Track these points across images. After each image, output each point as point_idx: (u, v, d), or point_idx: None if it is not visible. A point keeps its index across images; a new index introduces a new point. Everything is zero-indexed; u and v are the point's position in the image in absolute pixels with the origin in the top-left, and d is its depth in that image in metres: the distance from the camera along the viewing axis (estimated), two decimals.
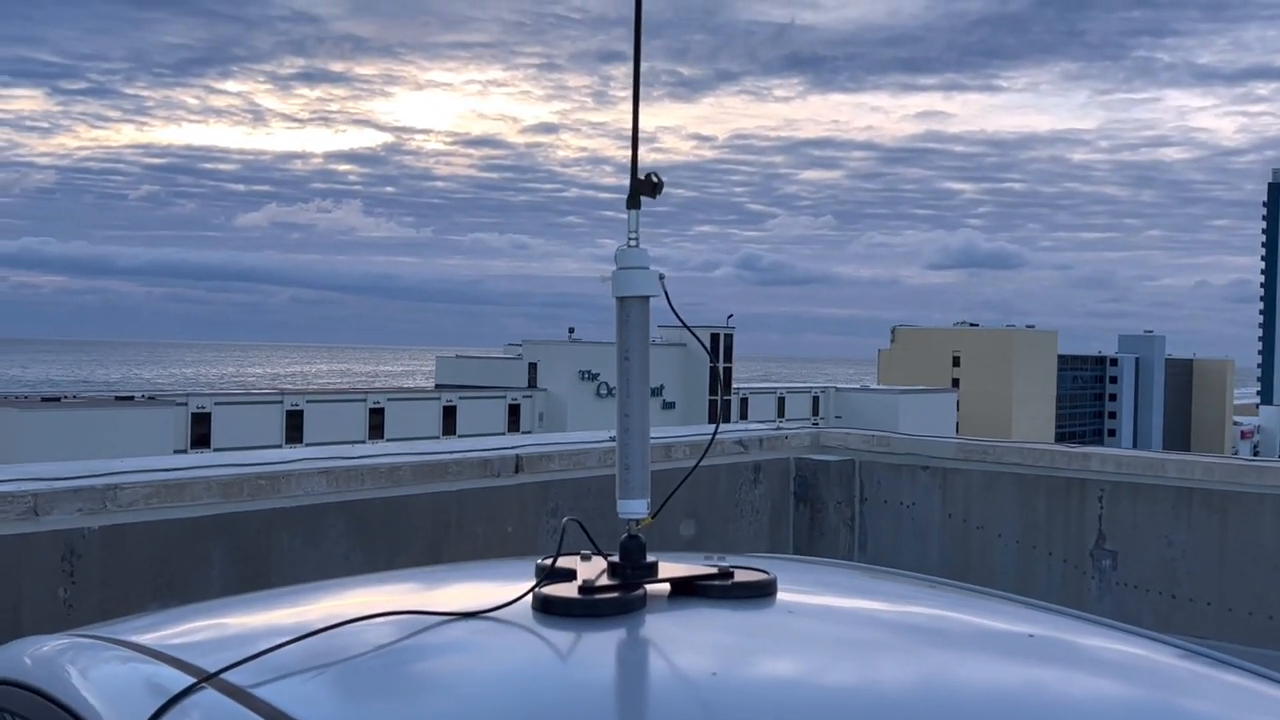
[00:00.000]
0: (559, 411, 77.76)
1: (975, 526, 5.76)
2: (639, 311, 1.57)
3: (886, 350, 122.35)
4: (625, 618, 1.38)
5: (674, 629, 1.41)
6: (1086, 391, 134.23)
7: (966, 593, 1.80)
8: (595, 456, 4.86)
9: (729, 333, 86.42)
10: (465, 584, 1.61)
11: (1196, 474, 5.18)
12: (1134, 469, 5.35)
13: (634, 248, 1.59)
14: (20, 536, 3.24)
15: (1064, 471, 5.49)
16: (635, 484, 1.56)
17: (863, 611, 1.67)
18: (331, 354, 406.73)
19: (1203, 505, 5.14)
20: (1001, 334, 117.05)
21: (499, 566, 1.63)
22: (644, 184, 1.60)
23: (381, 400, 73.29)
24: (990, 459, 5.73)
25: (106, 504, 3.40)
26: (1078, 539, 5.45)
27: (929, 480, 5.88)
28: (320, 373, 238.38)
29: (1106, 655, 1.52)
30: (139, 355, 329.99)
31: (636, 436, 1.56)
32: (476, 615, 1.36)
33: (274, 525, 3.82)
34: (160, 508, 3.52)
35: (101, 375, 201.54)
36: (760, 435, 5.91)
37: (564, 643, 1.34)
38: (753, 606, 1.46)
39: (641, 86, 1.80)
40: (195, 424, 61.49)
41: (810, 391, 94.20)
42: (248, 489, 3.76)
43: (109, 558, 3.41)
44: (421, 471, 4.31)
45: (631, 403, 1.56)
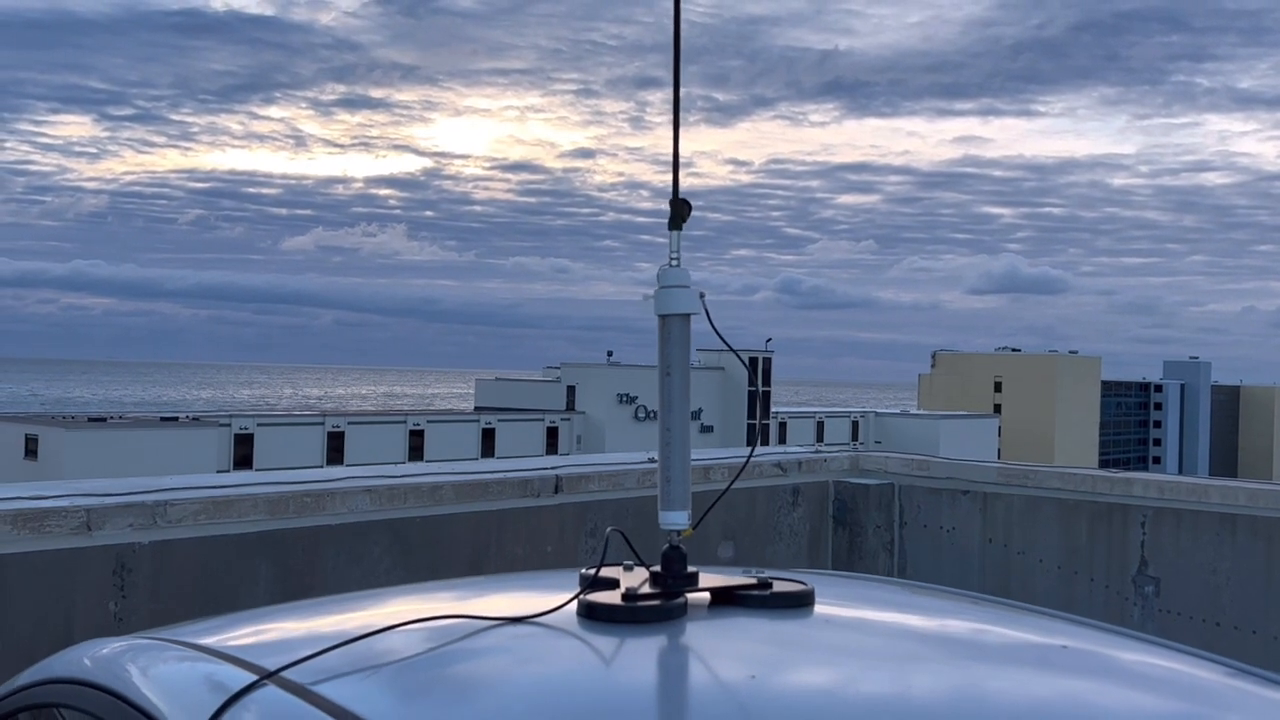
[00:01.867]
0: (597, 434, 77.84)
1: (1016, 552, 5.73)
2: (680, 329, 1.61)
3: (927, 375, 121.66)
4: (666, 624, 1.43)
5: (713, 636, 1.45)
6: (1131, 418, 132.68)
7: (1005, 607, 1.82)
8: (634, 478, 4.89)
9: (768, 356, 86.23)
10: (510, 593, 1.66)
11: (1241, 500, 5.13)
12: (1177, 495, 5.31)
13: (675, 267, 1.63)
14: (73, 550, 3.32)
15: (1106, 497, 5.46)
16: (676, 496, 1.60)
17: (900, 623, 1.70)
18: (373, 376, 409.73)
19: (1247, 532, 5.09)
20: (1044, 359, 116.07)
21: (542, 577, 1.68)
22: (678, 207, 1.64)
23: (421, 422, 73.72)
24: (1031, 484, 5.70)
25: (157, 520, 3.47)
26: (1120, 565, 5.41)
27: (969, 505, 5.85)
28: (362, 395, 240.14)
29: (1145, 669, 1.52)
30: (184, 376, 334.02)
31: (678, 450, 1.60)
32: (524, 620, 1.41)
33: (319, 542, 3.88)
34: (208, 524, 3.59)
35: (148, 395, 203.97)
36: (799, 458, 5.92)
37: (607, 647, 1.38)
38: (791, 616, 1.50)
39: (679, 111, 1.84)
40: (238, 445, 62.10)
41: (850, 416, 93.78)
42: (293, 506, 3.82)
43: (158, 572, 3.48)
44: (463, 491, 4.36)
45: (673, 417, 1.61)
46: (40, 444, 55.51)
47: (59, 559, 3.30)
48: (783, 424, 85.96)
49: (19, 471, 52.43)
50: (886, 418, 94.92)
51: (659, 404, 1.62)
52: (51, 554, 3.28)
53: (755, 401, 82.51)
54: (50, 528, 3.27)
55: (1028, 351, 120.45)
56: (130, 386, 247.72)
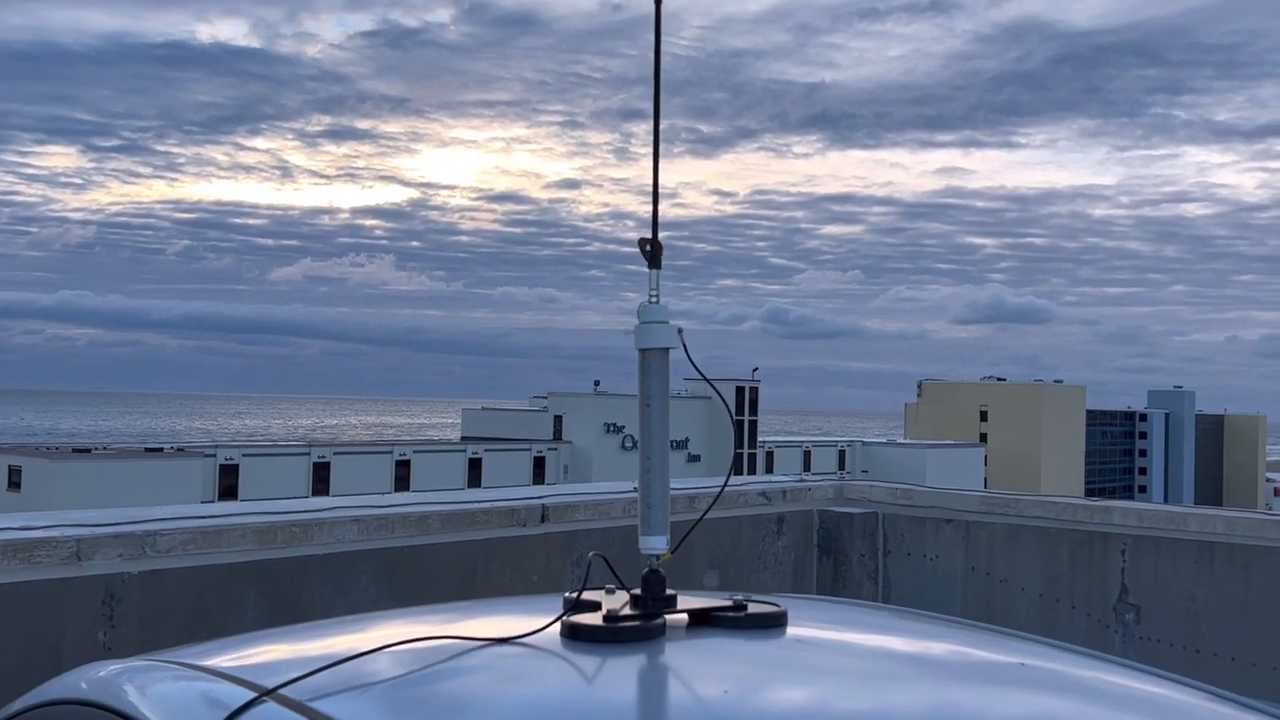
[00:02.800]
0: (584, 464, 77.74)
1: (999, 580, 5.78)
2: (660, 362, 1.70)
3: (913, 404, 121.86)
4: (646, 644, 1.50)
5: (690, 655, 1.52)
6: (1116, 447, 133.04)
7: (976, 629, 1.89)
8: (620, 507, 4.93)
9: (754, 386, 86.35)
10: (496, 616, 1.71)
11: (1218, 528, 5.19)
12: (1156, 523, 5.38)
13: (655, 304, 1.72)
14: (63, 580, 3.34)
15: (1086, 525, 5.52)
16: (656, 521, 1.69)
17: (870, 642, 1.77)
18: (360, 406, 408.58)
19: (1225, 560, 5.15)
20: (1029, 389, 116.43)
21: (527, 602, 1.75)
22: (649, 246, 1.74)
23: (408, 452, 73.52)
24: (1013, 512, 5.76)
25: (146, 550, 3.50)
26: (1101, 593, 5.46)
27: (952, 533, 5.91)
28: (349, 425, 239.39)
29: (1116, 690, 1.59)
30: (170, 407, 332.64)
31: (657, 477, 1.69)
32: (510, 641, 1.48)
33: (306, 572, 3.91)
34: (197, 554, 3.62)
35: (132, 426, 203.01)
36: (784, 487, 5.97)
37: (589, 666, 1.45)
38: (764, 636, 1.58)
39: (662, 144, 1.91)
40: (223, 475, 61.83)
41: (837, 445, 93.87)
42: (281, 536, 3.85)
43: (147, 602, 3.51)
44: (450, 520, 4.40)
45: (652, 446, 1.69)
46: (24, 475, 55.17)
47: (49, 589, 3.33)
48: (770, 453, 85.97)
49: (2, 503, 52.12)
50: (873, 447, 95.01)
51: (639, 433, 1.70)
52: (41, 584, 3.31)
53: (741, 431, 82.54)
54: (40, 558, 3.30)
55: (1013, 381, 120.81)
56: (117, 417, 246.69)
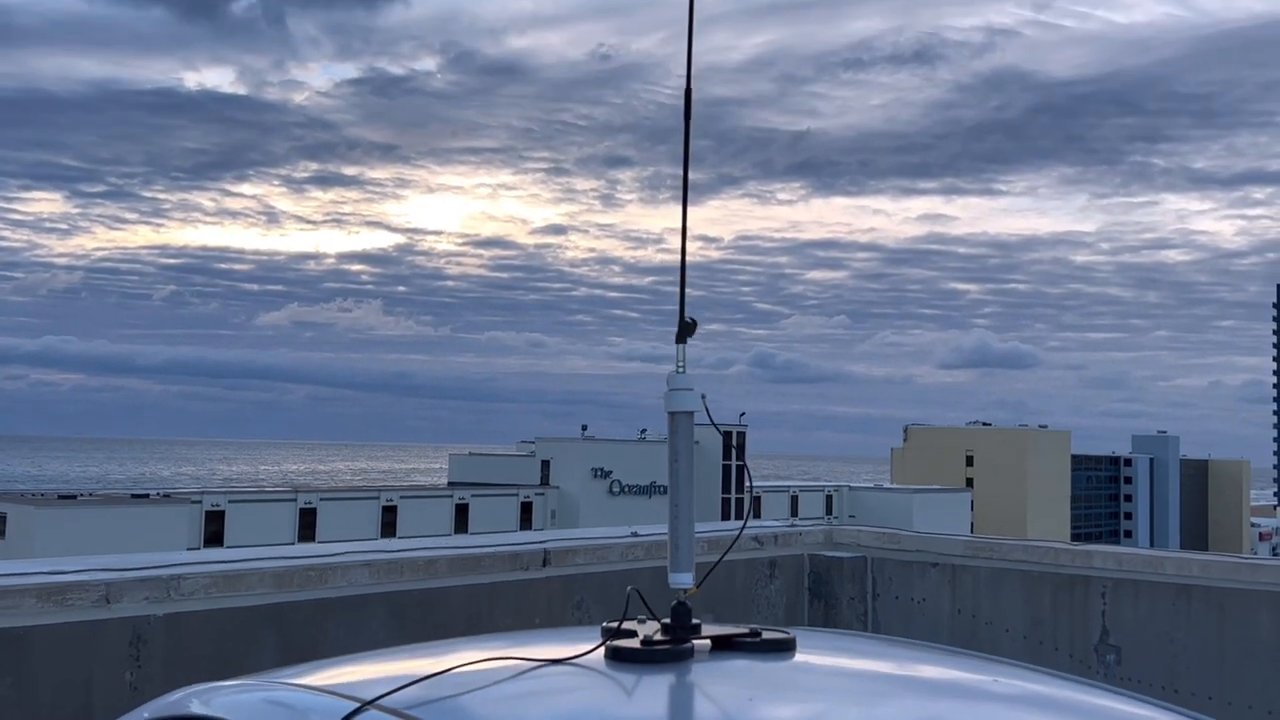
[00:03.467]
0: (572, 509, 77.58)
1: (984, 622, 5.96)
2: (686, 424, 2.04)
3: (899, 449, 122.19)
4: (677, 665, 1.77)
5: (715, 674, 1.79)
6: (1101, 492, 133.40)
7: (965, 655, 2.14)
8: (618, 551, 5.11)
9: (742, 430, 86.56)
10: (544, 643, 1.93)
11: (1194, 571, 5.39)
12: (1134, 566, 5.56)
13: (682, 374, 2.05)
14: (93, 623, 3.51)
15: (1068, 568, 5.71)
16: (683, 560, 1.99)
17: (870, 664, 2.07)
18: (346, 451, 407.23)
19: (1201, 601, 5.34)
20: (1014, 433, 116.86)
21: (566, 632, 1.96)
22: (687, 326, 2.06)
23: (394, 498, 73.30)
24: (997, 556, 5.95)
25: (170, 593, 3.67)
26: (1082, 634, 5.64)
27: (938, 577, 6.09)
28: (335, 470, 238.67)
29: (1091, 707, 1.81)
30: (155, 453, 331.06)
31: (684, 522, 1.99)
32: (565, 661, 1.75)
33: (321, 614, 4.08)
34: (218, 597, 3.79)
35: (117, 473, 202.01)
36: (775, 532, 6.15)
37: (632, 683, 1.72)
38: (778, 658, 1.86)
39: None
40: (209, 522, 61.53)
41: (824, 490, 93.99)
42: (297, 580, 4.02)
43: (172, 643, 3.67)
44: (456, 564, 4.58)
45: (680, 495, 2.01)
46: (9, 522, 54.87)
47: (79, 630, 3.49)
48: (757, 498, 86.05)
49: None
50: (860, 491, 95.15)
51: (669, 483, 2.02)
52: (72, 626, 3.47)
53: (731, 477, 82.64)
54: (72, 601, 3.46)
55: (998, 426, 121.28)
56: (102, 463, 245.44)
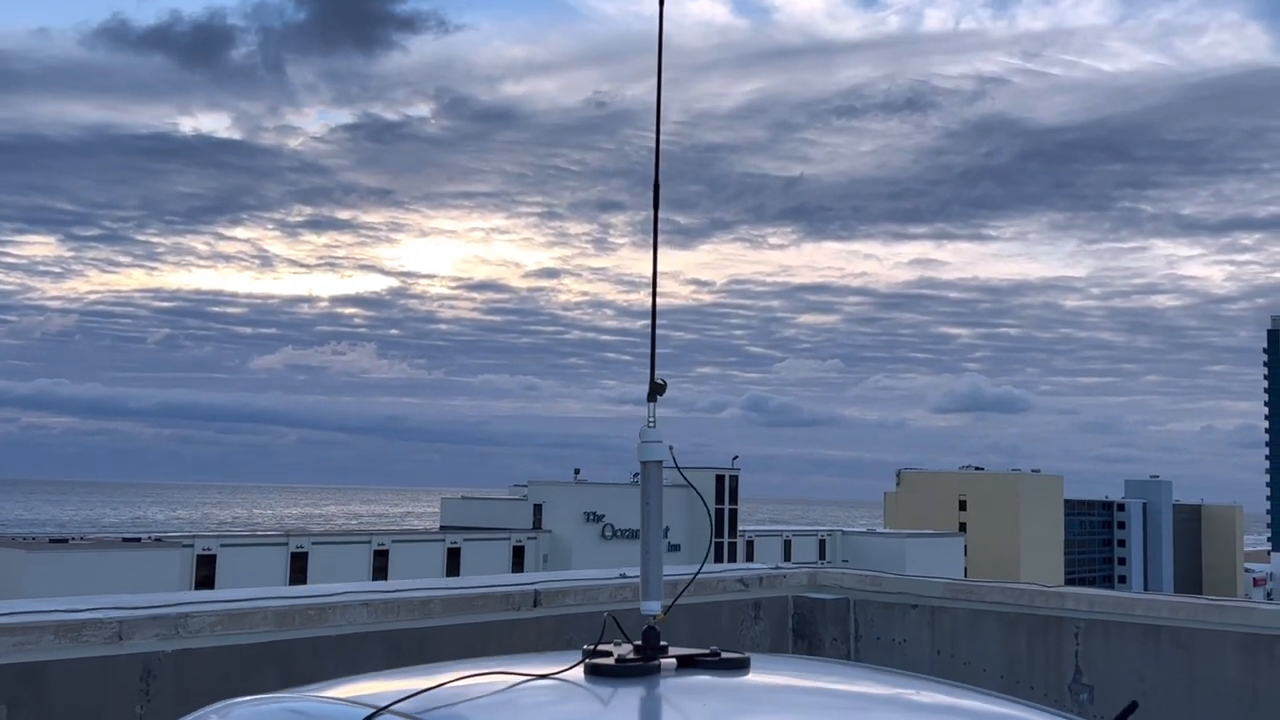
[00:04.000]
0: (564, 553, 77.41)
1: (963, 662, 6.14)
2: (655, 472, 2.34)
3: (892, 493, 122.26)
4: (646, 679, 2.06)
5: (678, 686, 2.09)
6: (1095, 537, 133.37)
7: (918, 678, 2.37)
8: (607, 592, 5.30)
9: (734, 474, 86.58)
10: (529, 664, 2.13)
11: (1163, 613, 5.59)
12: (1106, 607, 5.77)
13: (652, 428, 2.35)
14: (105, 658, 3.70)
15: (1042, 610, 5.91)
16: (653, 590, 2.31)
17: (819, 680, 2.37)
18: (339, 495, 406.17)
19: (1170, 642, 5.54)
20: (1007, 478, 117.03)
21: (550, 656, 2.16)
22: (658, 386, 2.33)
23: (386, 542, 73.17)
24: (975, 598, 6.14)
25: (179, 630, 3.86)
26: (1057, 674, 5.83)
27: (918, 618, 6.28)
28: (328, 514, 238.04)
29: None
30: (147, 496, 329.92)
31: (654, 556, 2.31)
32: (551, 675, 2.02)
33: (321, 652, 4.26)
34: (224, 634, 3.98)
35: (108, 516, 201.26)
36: (760, 574, 6.35)
37: (607, 694, 2.00)
38: (734, 674, 2.17)
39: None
40: (200, 566, 61.41)
41: (817, 535, 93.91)
42: (298, 619, 4.22)
43: (180, 678, 3.86)
44: (450, 604, 4.77)
45: (650, 533, 2.34)
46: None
47: (93, 665, 3.68)
48: (750, 542, 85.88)
49: None
50: (853, 536, 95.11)
51: (641, 523, 2.31)
52: (87, 661, 3.66)
53: (721, 521, 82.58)
54: (87, 637, 3.66)
55: (991, 470, 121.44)
56: (94, 507, 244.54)
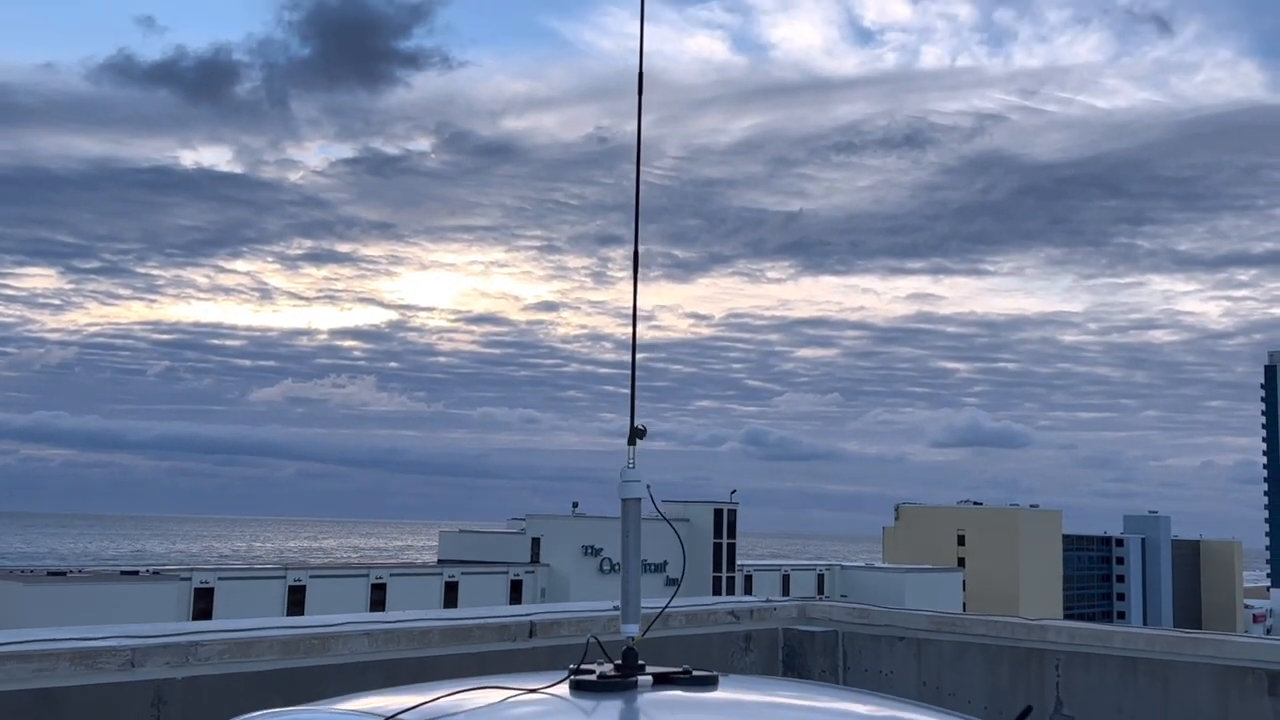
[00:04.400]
0: (562, 587, 77.25)
1: (948, 694, 6.30)
2: (635, 508, 2.54)
3: (891, 528, 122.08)
4: (624, 693, 2.28)
5: (653, 700, 2.30)
6: (1094, 572, 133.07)
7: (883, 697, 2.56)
8: (601, 623, 5.46)
9: (732, 508, 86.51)
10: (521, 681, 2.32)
11: (1140, 645, 5.75)
12: (1086, 640, 5.93)
13: (632, 469, 2.55)
14: (119, 684, 3.87)
15: (1024, 642, 6.07)
16: (631, 612, 2.53)
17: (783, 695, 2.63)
18: (337, 528, 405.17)
19: (1147, 673, 5.70)
20: (1006, 513, 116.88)
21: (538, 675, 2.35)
22: (637, 431, 2.50)
23: (384, 575, 73.10)
24: (959, 630, 6.31)
25: (189, 658, 4.03)
26: (1039, 705, 5.98)
27: (905, 650, 6.44)
28: (326, 547, 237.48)
29: None
30: (145, 529, 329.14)
31: (633, 584, 2.53)
32: (540, 690, 2.25)
33: (324, 680, 4.42)
34: (231, 662, 4.15)
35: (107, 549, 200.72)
36: (751, 606, 6.52)
37: (590, 705, 2.22)
38: (703, 689, 2.38)
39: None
40: (198, 599, 61.35)
41: (815, 569, 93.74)
42: (303, 648, 4.39)
43: (189, 705, 4.02)
44: (448, 635, 4.94)
45: (630, 563, 2.55)
46: None
47: (106, 692, 3.85)
48: (748, 576, 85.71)
49: None
50: (851, 571, 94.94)
51: (621, 552, 2.54)
52: (100, 687, 3.83)
53: (720, 554, 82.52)
54: (101, 664, 3.83)
55: (990, 505, 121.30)
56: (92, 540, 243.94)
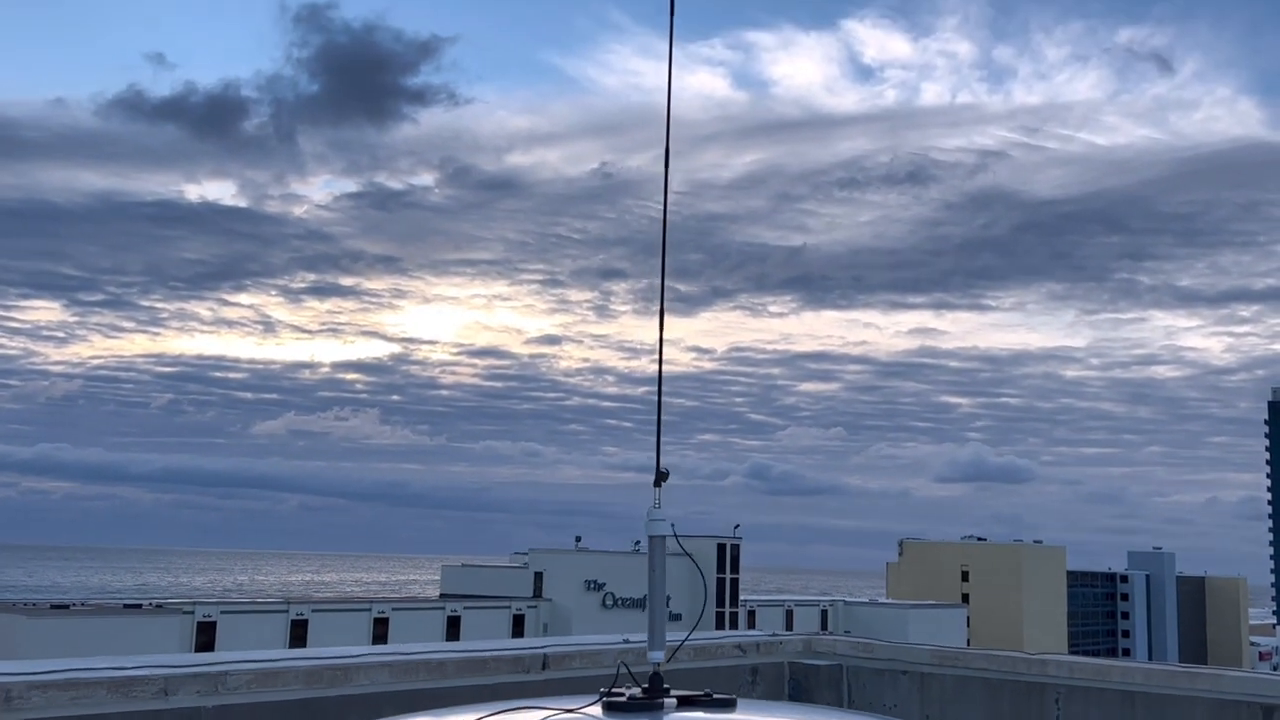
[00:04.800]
0: (564, 622, 76.99)
1: None
2: (660, 545, 2.76)
3: (895, 563, 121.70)
4: (653, 713, 2.46)
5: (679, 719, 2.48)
6: (1099, 609, 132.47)
7: None
8: (612, 656, 5.62)
9: (736, 543, 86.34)
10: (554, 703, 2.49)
11: (1137, 679, 5.90)
12: (1085, 674, 6.07)
13: (657, 509, 2.76)
14: (152, 712, 4.03)
15: (1025, 676, 6.21)
16: (658, 641, 2.74)
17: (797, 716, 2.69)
18: (339, 562, 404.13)
19: (1144, 707, 5.84)
20: (1009, 549, 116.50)
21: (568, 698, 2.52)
22: (662, 474, 2.64)
23: (386, 610, 72.95)
24: (961, 664, 6.45)
25: (219, 687, 4.19)
26: None
27: (908, 684, 6.58)
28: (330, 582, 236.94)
29: None
30: (148, 562, 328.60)
31: (659, 614, 2.73)
32: (574, 710, 2.39)
33: (346, 710, 4.58)
34: (259, 692, 4.31)
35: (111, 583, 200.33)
36: (757, 640, 6.67)
37: None
38: (722, 711, 2.58)
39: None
40: (200, 633, 61.26)
41: (819, 605, 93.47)
42: (326, 678, 4.55)
43: None
44: (464, 666, 5.10)
45: (655, 593, 2.75)
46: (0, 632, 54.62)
47: (142, 719, 4.00)
48: (751, 612, 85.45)
49: None
50: (855, 607, 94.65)
51: (648, 585, 2.72)
52: (136, 714, 3.99)
53: (723, 589, 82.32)
54: (136, 693, 3.99)
55: (994, 540, 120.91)
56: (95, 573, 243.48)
